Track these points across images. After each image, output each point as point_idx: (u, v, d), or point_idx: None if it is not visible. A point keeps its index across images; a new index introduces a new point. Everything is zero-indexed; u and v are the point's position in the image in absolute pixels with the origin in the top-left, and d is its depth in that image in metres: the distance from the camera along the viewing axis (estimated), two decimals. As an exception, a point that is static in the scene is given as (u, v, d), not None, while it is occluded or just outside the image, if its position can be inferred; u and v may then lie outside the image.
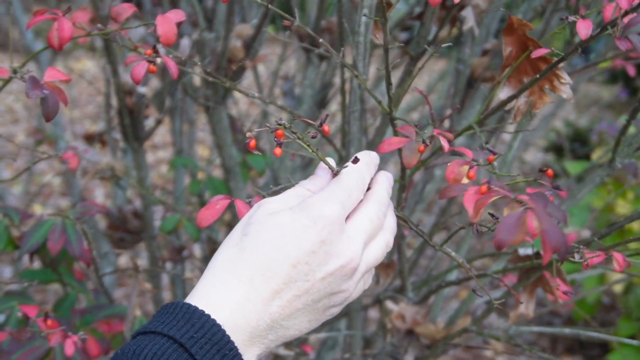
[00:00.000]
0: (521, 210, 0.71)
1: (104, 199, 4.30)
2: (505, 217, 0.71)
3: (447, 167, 0.85)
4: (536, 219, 0.70)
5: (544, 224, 0.70)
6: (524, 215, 0.71)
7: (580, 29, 0.88)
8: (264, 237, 0.75)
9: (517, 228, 0.70)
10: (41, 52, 1.25)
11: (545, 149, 5.11)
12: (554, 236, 0.70)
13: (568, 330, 1.50)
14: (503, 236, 0.70)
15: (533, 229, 0.70)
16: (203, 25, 1.77)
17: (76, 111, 5.25)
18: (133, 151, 2.07)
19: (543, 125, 2.38)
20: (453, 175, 0.83)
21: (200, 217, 0.91)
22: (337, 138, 1.58)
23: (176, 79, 1.05)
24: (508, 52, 1.02)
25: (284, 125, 0.79)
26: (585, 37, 0.88)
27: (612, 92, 6.11)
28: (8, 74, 1.01)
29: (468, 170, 0.83)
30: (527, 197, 0.73)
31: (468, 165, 0.84)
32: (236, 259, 0.74)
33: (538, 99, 1.02)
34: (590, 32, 0.88)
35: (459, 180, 0.84)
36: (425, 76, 4.91)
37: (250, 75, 2.49)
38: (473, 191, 0.77)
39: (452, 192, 0.80)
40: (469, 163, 0.84)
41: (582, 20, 0.88)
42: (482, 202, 0.75)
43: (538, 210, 0.71)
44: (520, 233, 0.70)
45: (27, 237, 1.37)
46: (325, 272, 0.74)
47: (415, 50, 1.46)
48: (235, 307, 0.72)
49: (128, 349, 0.69)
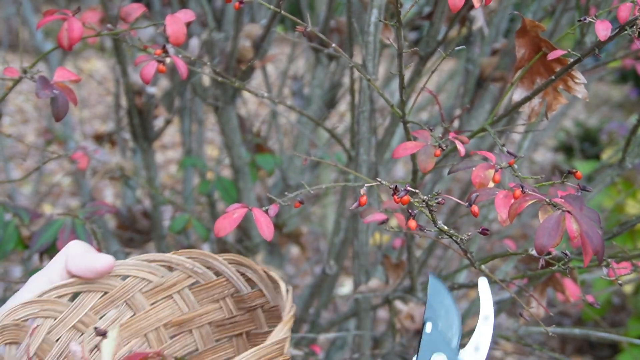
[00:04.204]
0: (559, 214, 0.70)
1: (113, 198, 4.31)
2: (544, 221, 0.70)
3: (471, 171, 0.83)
4: (575, 221, 0.70)
5: (583, 226, 0.69)
6: (562, 218, 0.70)
7: (600, 30, 0.86)
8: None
9: (556, 231, 0.70)
10: (51, 53, 1.25)
11: (555, 148, 5.09)
12: (594, 238, 0.69)
13: (578, 331, 1.50)
14: (544, 241, 0.69)
15: (572, 232, 0.69)
16: (212, 25, 1.78)
17: (86, 111, 5.26)
18: (142, 151, 2.07)
19: (553, 125, 2.37)
20: (479, 180, 0.81)
21: (217, 227, 0.89)
22: (346, 138, 1.58)
23: (185, 79, 1.05)
24: (521, 54, 1.01)
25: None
26: (605, 38, 0.86)
27: (622, 91, 6.08)
28: (18, 74, 1.01)
29: (494, 174, 0.82)
30: (561, 200, 0.72)
31: (493, 169, 0.83)
32: None
33: (553, 100, 1.01)
34: (609, 33, 0.87)
35: (485, 184, 0.82)
36: (434, 76, 4.89)
37: (259, 75, 2.49)
38: (503, 195, 0.76)
39: (481, 196, 0.78)
40: (493, 166, 0.83)
41: (600, 21, 0.87)
42: (517, 206, 0.74)
43: (575, 212, 0.70)
44: (559, 236, 0.69)
45: (37, 237, 1.38)
46: None
47: (425, 50, 1.46)
48: None
49: None
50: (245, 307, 0.81)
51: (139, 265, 0.78)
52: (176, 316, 0.81)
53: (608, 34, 0.86)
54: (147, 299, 0.80)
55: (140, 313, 0.80)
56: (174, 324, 0.82)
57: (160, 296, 0.80)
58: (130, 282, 0.78)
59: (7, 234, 1.44)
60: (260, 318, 0.81)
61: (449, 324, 0.74)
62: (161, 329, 0.81)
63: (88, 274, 0.75)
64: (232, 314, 0.82)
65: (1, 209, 1.45)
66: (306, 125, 2.05)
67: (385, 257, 1.49)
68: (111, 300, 0.78)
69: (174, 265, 0.79)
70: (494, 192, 0.77)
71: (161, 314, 0.81)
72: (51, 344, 0.74)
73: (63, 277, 0.75)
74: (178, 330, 0.82)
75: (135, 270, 0.78)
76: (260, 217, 0.89)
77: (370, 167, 1.38)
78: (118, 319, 0.79)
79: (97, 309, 0.77)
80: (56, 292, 0.74)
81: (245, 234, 1.86)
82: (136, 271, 0.78)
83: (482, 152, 0.85)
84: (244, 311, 0.82)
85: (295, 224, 2.23)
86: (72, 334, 0.76)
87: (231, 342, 0.83)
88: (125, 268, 0.77)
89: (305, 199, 0.99)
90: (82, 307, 0.76)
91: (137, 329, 0.80)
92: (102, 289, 0.77)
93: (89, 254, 0.75)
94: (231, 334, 0.83)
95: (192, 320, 0.82)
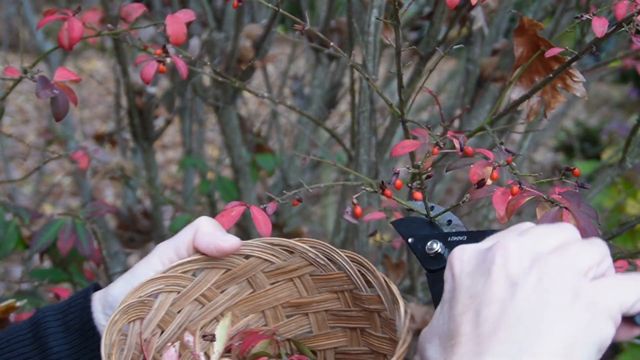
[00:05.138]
0: (556, 210, 0.71)
1: (113, 198, 4.31)
2: (541, 217, 0.70)
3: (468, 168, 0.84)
4: (572, 217, 0.70)
5: (581, 222, 0.69)
6: (559, 214, 0.70)
7: (596, 26, 0.86)
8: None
9: None
10: (51, 52, 1.25)
11: (555, 148, 5.09)
12: (591, 235, 0.69)
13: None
14: None
15: None
16: (212, 25, 1.78)
17: (86, 111, 5.26)
18: (143, 151, 2.08)
19: (553, 125, 2.37)
20: (477, 177, 0.82)
21: None
22: (346, 138, 1.58)
23: (186, 79, 1.05)
24: (519, 53, 1.01)
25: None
26: (601, 35, 0.86)
27: (623, 91, 6.07)
28: (19, 74, 1.01)
29: (492, 172, 0.82)
30: (559, 197, 0.72)
31: (490, 167, 0.83)
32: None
33: (552, 99, 1.01)
34: (605, 30, 0.87)
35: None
36: (434, 76, 4.89)
37: (259, 75, 2.49)
38: (501, 192, 0.76)
39: (479, 193, 0.78)
40: (491, 164, 0.83)
41: (597, 18, 0.87)
42: (515, 203, 0.74)
43: (573, 208, 0.70)
44: None
45: (38, 237, 1.38)
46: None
47: (425, 50, 1.46)
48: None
49: None
50: (362, 307, 0.83)
51: (263, 247, 0.81)
52: (294, 298, 0.84)
53: (605, 31, 0.86)
54: (268, 278, 0.83)
55: (260, 291, 0.83)
56: (291, 305, 0.85)
57: (281, 278, 0.83)
58: (253, 262, 0.81)
59: (8, 234, 1.44)
60: (377, 321, 0.82)
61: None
62: (279, 307, 0.85)
63: (215, 253, 0.78)
64: (349, 307, 0.84)
65: (1, 209, 1.45)
66: (306, 125, 2.05)
67: (385, 257, 1.50)
68: (233, 277, 0.81)
69: (297, 252, 0.82)
70: (492, 190, 0.77)
71: (280, 294, 0.84)
72: (173, 316, 0.78)
73: (189, 251, 0.79)
74: (294, 311, 0.85)
75: (259, 251, 0.81)
76: (258, 215, 0.89)
77: (371, 167, 1.38)
78: (238, 294, 0.82)
79: (219, 284, 0.81)
80: (182, 268, 0.78)
81: (245, 233, 1.86)
82: (260, 252, 0.81)
83: (480, 149, 0.85)
84: (360, 309, 0.83)
85: (296, 224, 2.23)
86: (194, 306, 0.80)
87: (345, 333, 0.85)
88: (249, 249, 0.81)
89: (305, 199, 0.99)
90: (205, 282, 0.80)
91: (255, 305, 0.84)
92: (225, 266, 0.81)
93: (218, 233, 0.79)
94: (346, 325, 0.85)
95: (309, 305, 0.84)
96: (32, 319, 0.80)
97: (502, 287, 0.60)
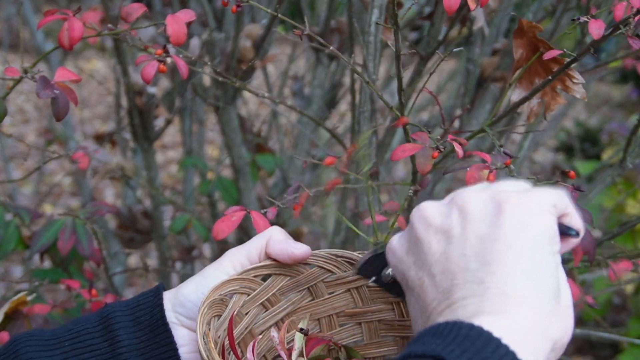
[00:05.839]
0: None
1: (114, 198, 4.31)
2: None
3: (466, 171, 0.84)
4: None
5: None
6: None
7: (593, 28, 0.87)
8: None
9: None
10: (51, 52, 1.25)
11: (556, 149, 5.09)
12: (586, 237, 0.69)
13: (578, 331, 1.50)
14: None
15: None
16: (213, 25, 1.78)
17: (86, 111, 5.26)
18: (143, 151, 2.07)
19: (553, 125, 2.37)
20: (473, 180, 0.83)
21: (216, 230, 0.93)
22: (346, 138, 1.58)
23: (186, 79, 1.05)
24: (519, 55, 1.01)
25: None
26: (598, 37, 0.87)
27: (623, 91, 6.07)
28: (19, 74, 1.01)
29: (488, 174, 0.83)
30: None
31: (487, 169, 0.84)
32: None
33: (552, 100, 1.01)
34: (602, 32, 0.87)
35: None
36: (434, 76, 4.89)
37: (259, 75, 2.49)
38: None
39: None
40: (488, 167, 0.84)
41: (594, 20, 0.88)
42: None
43: None
44: None
45: (38, 237, 1.38)
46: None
47: (425, 50, 1.46)
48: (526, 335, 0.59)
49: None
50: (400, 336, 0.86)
51: (327, 258, 0.85)
52: (349, 308, 0.87)
53: (601, 33, 0.87)
54: (327, 288, 0.86)
55: (319, 300, 0.87)
56: (346, 314, 0.88)
57: (340, 289, 0.86)
58: (316, 272, 0.85)
59: (8, 234, 1.44)
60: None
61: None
62: (334, 316, 0.88)
63: (287, 259, 0.82)
64: (403, 317, 0.86)
65: (2, 209, 1.45)
66: (306, 125, 2.05)
67: (385, 257, 1.49)
68: (297, 284, 0.85)
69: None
70: None
71: (337, 304, 0.87)
72: (242, 317, 0.82)
73: (261, 257, 0.83)
74: (348, 320, 0.88)
75: (323, 261, 0.85)
76: (259, 220, 0.91)
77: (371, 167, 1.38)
78: (298, 301, 0.86)
79: (283, 290, 0.85)
80: (254, 272, 0.82)
81: (245, 233, 1.86)
82: (324, 262, 0.84)
83: (478, 152, 0.86)
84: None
85: (296, 224, 2.23)
86: (259, 310, 0.84)
87: (396, 341, 0.88)
88: (315, 259, 0.84)
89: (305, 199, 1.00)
90: (272, 287, 0.84)
91: (313, 313, 0.87)
92: (291, 273, 0.84)
93: (289, 241, 0.83)
94: (398, 334, 0.88)
95: (363, 315, 0.87)
96: (101, 312, 0.81)
97: (440, 240, 0.65)
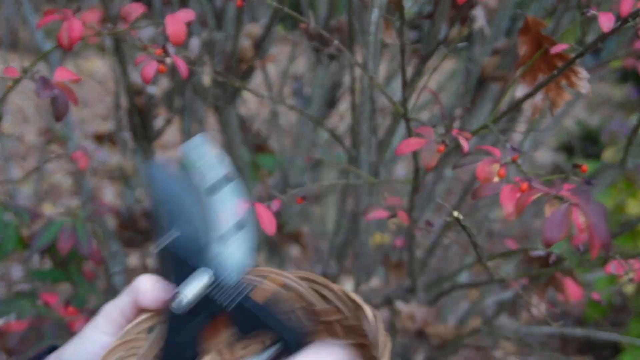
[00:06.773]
0: (566, 207, 0.70)
1: (113, 198, 4.31)
2: (551, 215, 0.70)
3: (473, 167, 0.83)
4: (582, 214, 0.69)
5: (591, 218, 0.69)
6: (569, 211, 0.70)
7: (603, 22, 0.86)
8: None
9: (564, 225, 0.69)
10: (51, 52, 1.25)
11: (556, 148, 5.09)
12: (601, 231, 0.69)
13: (579, 331, 1.50)
14: (551, 234, 0.69)
15: (580, 225, 0.69)
16: (212, 25, 1.77)
17: (86, 111, 5.27)
18: (143, 151, 2.07)
19: (554, 124, 2.37)
20: (484, 175, 0.81)
21: None
22: (346, 138, 1.58)
23: (186, 78, 1.05)
24: (523, 51, 1.01)
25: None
26: (608, 30, 0.86)
27: (623, 91, 6.07)
28: (18, 73, 1.01)
29: (499, 169, 0.81)
30: (568, 193, 0.71)
31: (497, 164, 0.82)
32: None
33: (557, 96, 1.01)
34: (612, 25, 0.86)
35: (489, 179, 0.81)
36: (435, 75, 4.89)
37: (259, 75, 2.49)
38: (509, 189, 0.75)
39: (485, 191, 0.78)
40: (497, 162, 0.82)
41: (603, 13, 0.87)
42: (524, 200, 0.74)
43: (583, 205, 0.70)
44: (567, 229, 0.69)
45: (37, 237, 1.38)
46: None
47: (426, 49, 1.46)
48: None
49: None
50: (319, 321, 0.82)
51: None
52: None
53: (612, 26, 0.86)
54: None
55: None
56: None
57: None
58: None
59: (8, 234, 1.44)
60: (338, 331, 0.80)
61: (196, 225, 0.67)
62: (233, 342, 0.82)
63: (163, 306, 0.75)
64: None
65: (1, 209, 1.45)
66: (306, 125, 2.05)
67: (385, 257, 1.49)
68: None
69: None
70: (498, 187, 0.76)
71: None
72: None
73: (134, 312, 0.75)
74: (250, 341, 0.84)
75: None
76: (263, 213, 0.89)
77: (371, 167, 1.38)
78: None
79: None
80: (136, 329, 0.74)
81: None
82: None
83: (486, 147, 0.85)
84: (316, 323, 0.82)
85: (296, 224, 2.22)
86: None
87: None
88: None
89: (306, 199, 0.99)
90: (161, 338, 0.76)
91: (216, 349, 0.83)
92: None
93: (159, 286, 0.75)
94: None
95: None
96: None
97: None
